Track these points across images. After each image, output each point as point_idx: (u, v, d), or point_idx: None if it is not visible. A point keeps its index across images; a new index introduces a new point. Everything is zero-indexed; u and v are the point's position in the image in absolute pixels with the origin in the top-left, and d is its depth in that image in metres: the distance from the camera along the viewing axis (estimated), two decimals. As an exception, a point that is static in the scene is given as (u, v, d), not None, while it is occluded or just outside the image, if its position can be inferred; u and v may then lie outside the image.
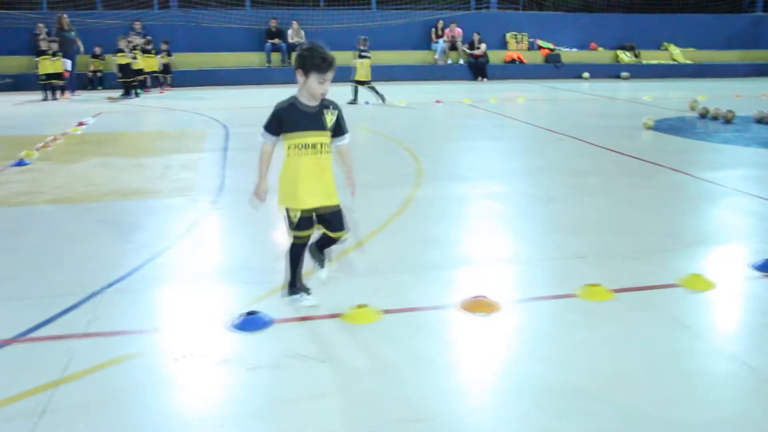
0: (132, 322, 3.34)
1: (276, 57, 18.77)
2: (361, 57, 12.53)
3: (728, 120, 10.70)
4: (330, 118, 3.29)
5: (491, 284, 3.83)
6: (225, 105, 13.24)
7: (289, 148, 3.27)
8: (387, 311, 3.41)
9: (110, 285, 3.78)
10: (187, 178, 6.54)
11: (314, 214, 3.38)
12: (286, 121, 3.25)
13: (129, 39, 15.27)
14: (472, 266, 4.17)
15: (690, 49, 21.79)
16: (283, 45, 18.72)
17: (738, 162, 7.50)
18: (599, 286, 3.66)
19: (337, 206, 3.40)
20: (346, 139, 3.41)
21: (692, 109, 11.81)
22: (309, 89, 3.20)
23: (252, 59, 18.91)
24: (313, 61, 3.14)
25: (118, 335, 3.19)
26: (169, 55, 16.91)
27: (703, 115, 11.27)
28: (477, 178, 6.65)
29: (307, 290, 3.54)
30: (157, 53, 16.41)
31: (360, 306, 3.38)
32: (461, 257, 4.36)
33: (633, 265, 4.14)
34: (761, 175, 6.79)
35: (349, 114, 3.42)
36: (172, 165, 7.17)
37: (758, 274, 3.96)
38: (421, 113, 11.87)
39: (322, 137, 3.28)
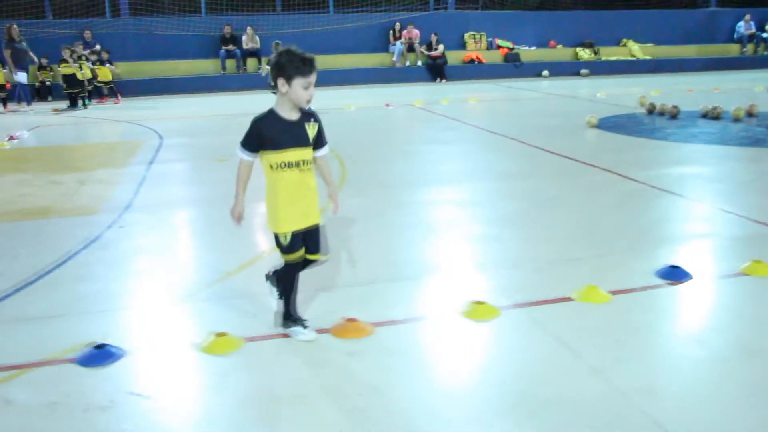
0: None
1: (231, 64, 18.50)
2: None
3: (674, 116, 10.63)
4: (312, 132, 3.05)
5: (365, 304, 3.58)
6: (172, 114, 12.96)
7: (271, 167, 3.01)
8: (250, 339, 3.19)
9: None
10: (98, 196, 6.25)
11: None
12: (266, 136, 2.97)
13: (73, 48, 14.90)
14: (355, 285, 3.95)
15: (649, 45, 21.84)
16: (238, 51, 18.46)
17: (673, 160, 7.38)
18: (484, 304, 3.47)
19: (318, 225, 3.16)
20: (325, 149, 3.17)
21: (642, 105, 11.73)
22: (294, 97, 2.94)
23: (207, 66, 18.61)
24: (295, 65, 2.88)
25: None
26: (110, 64, 16.46)
27: (651, 111, 11.20)
28: (397, 184, 6.44)
29: (303, 322, 3.21)
30: (100, 63, 15.94)
31: (219, 334, 3.16)
32: (354, 273, 4.15)
33: (530, 277, 3.95)
34: (692, 174, 6.68)
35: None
36: (88, 181, 6.88)
37: (660, 282, 3.80)
38: (365, 118, 11.66)
39: (305, 153, 3.03)
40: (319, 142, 3.11)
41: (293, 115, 3.00)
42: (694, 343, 3.08)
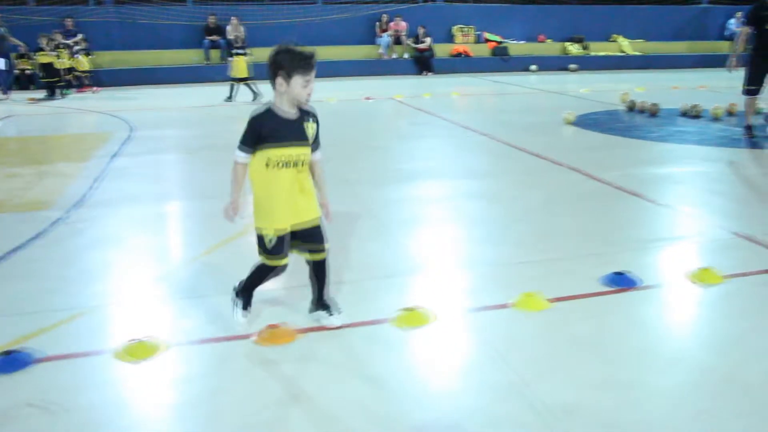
0: None
1: (215, 54, 18.28)
2: (237, 54, 12.76)
3: (653, 113, 10.52)
4: (311, 130, 2.96)
5: (290, 310, 3.46)
6: (150, 105, 12.78)
7: (267, 164, 2.90)
8: (173, 344, 3.08)
9: None
10: (53, 190, 6.11)
11: (290, 232, 3.04)
12: (266, 132, 2.87)
13: (51, 37, 14.69)
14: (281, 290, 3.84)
15: (639, 41, 21.69)
16: (222, 41, 18.24)
17: (642, 159, 7.27)
18: (414, 311, 3.35)
19: (318, 219, 3.07)
20: (319, 153, 3.07)
21: (623, 102, 11.61)
22: (293, 94, 2.84)
23: (190, 57, 18.39)
24: (295, 62, 2.79)
25: None
26: (88, 54, 16.23)
27: (631, 109, 11.08)
28: (354, 181, 6.25)
29: (248, 306, 3.25)
30: (74, 53, 15.71)
31: (138, 340, 3.05)
32: (288, 277, 4.03)
33: (472, 282, 3.85)
34: (658, 174, 6.56)
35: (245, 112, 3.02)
36: (47, 174, 6.74)
37: (605, 289, 3.69)
38: (343, 111, 11.49)
39: (304, 152, 2.94)
40: (315, 143, 3.03)
41: (292, 113, 2.91)
42: (628, 356, 2.98)
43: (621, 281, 3.73)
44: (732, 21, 22.30)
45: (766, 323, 3.33)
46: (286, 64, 2.79)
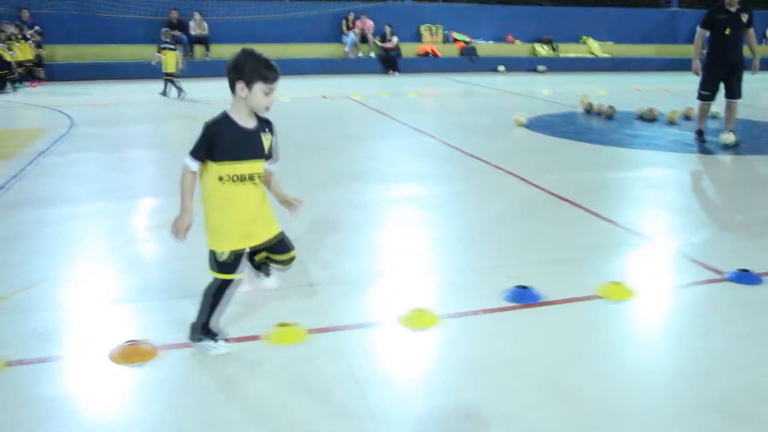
0: None
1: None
2: (166, 49, 12.66)
3: (609, 116, 10.38)
4: (267, 143, 2.78)
5: (149, 325, 3.20)
6: (102, 101, 12.43)
7: (220, 179, 2.68)
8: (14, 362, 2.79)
9: None
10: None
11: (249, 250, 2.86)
12: (221, 145, 2.65)
13: (2, 28, 14.25)
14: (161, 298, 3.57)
15: (608, 43, 21.62)
16: (185, 37, 17.86)
17: (584, 164, 7.09)
18: (290, 326, 3.10)
19: (280, 234, 2.89)
20: (276, 164, 2.89)
21: (582, 104, 11.46)
22: (253, 103, 2.67)
23: (151, 52, 17.93)
24: (258, 70, 2.61)
25: None
26: (39, 46, 15.80)
27: (588, 111, 10.93)
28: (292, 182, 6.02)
29: (215, 336, 2.90)
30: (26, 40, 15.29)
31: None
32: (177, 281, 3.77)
33: (362, 296, 3.59)
34: (596, 180, 6.34)
35: (198, 110, 2.75)
36: (-43, 173, 6.40)
37: (505, 304, 3.46)
38: (294, 110, 11.16)
39: (259, 166, 2.77)
40: (272, 155, 2.85)
41: (250, 123, 2.73)
42: (511, 380, 2.74)
43: (523, 296, 3.50)
44: (701, 25, 22.30)
45: (676, 340, 3.13)
46: (249, 69, 2.62)
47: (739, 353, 2.97)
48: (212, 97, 12.13)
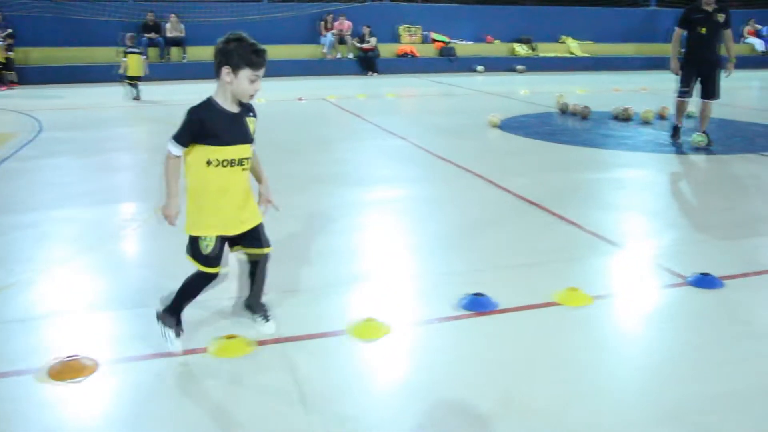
0: None
1: (153, 52, 17.64)
2: (131, 53, 12.67)
3: (584, 116, 10.35)
4: (252, 126, 2.77)
5: (94, 339, 3.11)
6: (74, 104, 12.23)
7: (208, 162, 2.63)
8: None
9: None
10: None
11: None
12: (208, 129, 2.61)
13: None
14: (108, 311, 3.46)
15: (588, 42, 21.68)
16: (161, 39, 17.69)
17: (555, 165, 7.03)
18: (237, 338, 3.01)
19: (261, 224, 2.87)
20: (254, 145, 2.82)
21: (558, 104, 11.43)
22: (238, 90, 2.62)
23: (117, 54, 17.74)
24: (245, 55, 2.57)
25: None
26: (10, 49, 15.55)
27: (564, 111, 10.91)
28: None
29: (178, 330, 2.89)
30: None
31: None
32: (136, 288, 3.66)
33: (311, 305, 3.48)
34: (565, 181, 6.29)
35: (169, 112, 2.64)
36: None
37: (460, 313, 3.38)
38: (269, 113, 10.96)
39: (248, 150, 2.74)
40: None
41: (234, 108, 2.70)
42: (462, 392, 2.66)
43: (478, 304, 3.42)
44: (679, 24, 22.41)
45: (634, 348, 3.07)
46: (235, 56, 2.57)
47: (697, 360, 2.91)
48: (188, 99, 11.96)
